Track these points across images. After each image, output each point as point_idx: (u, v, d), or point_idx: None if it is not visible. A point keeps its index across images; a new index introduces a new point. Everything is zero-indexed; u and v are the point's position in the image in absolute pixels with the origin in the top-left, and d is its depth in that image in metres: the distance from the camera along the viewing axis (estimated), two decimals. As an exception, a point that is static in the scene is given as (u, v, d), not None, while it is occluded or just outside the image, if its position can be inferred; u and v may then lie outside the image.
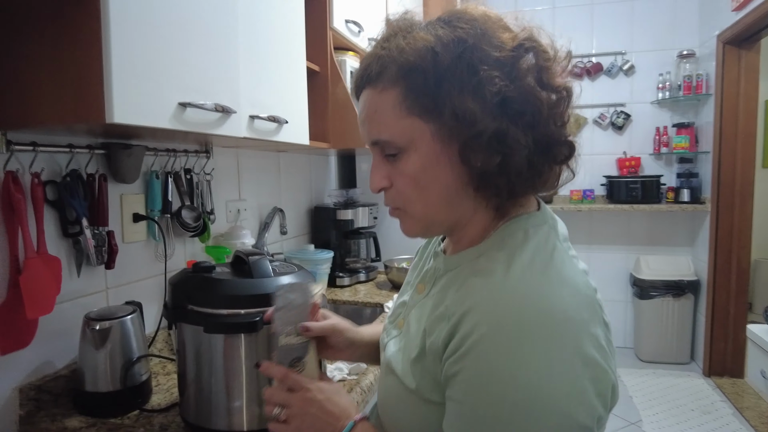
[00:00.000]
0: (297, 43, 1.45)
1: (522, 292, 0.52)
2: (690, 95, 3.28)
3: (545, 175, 0.59)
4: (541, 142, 0.56)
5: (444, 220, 0.61)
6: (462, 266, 0.61)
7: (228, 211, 1.66)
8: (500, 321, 0.50)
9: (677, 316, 3.35)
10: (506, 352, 0.49)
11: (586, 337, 0.51)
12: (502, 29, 0.58)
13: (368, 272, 2.19)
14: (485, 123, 0.53)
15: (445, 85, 0.54)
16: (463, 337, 0.52)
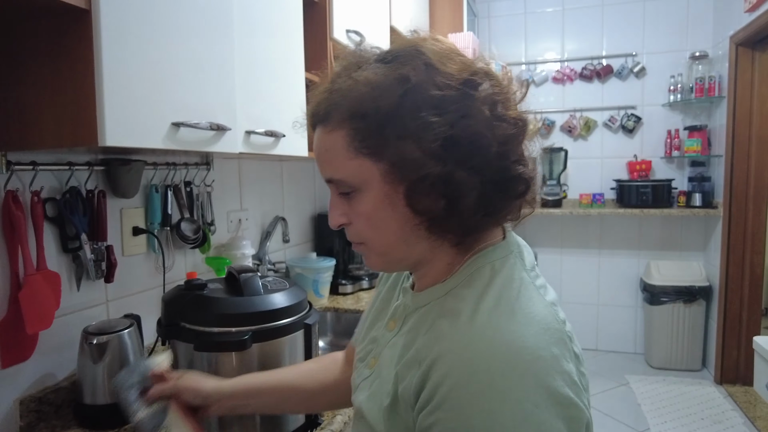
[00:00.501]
0: (295, 55, 1.46)
1: (489, 336, 0.51)
2: (702, 97, 3.22)
3: (503, 211, 0.58)
4: (492, 180, 0.55)
5: (403, 258, 0.61)
6: (430, 304, 0.60)
7: (229, 221, 1.68)
8: (469, 370, 0.49)
9: (688, 323, 3.30)
10: (478, 403, 0.48)
11: (559, 376, 0.50)
12: (451, 62, 0.55)
13: (371, 279, 2.20)
14: (428, 167, 0.53)
15: (386, 129, 0.53)
16: (434, 387, 0.51)
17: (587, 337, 3.79)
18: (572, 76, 3.63)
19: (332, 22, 1.71)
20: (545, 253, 3.80)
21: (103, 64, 0.81)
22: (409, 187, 0.54)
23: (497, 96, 0.55)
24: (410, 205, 0.55)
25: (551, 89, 3.71)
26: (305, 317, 0.98)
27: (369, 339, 0.70)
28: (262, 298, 0.93)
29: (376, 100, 0.53)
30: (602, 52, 3.59)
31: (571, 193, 3.70)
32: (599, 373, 3.38)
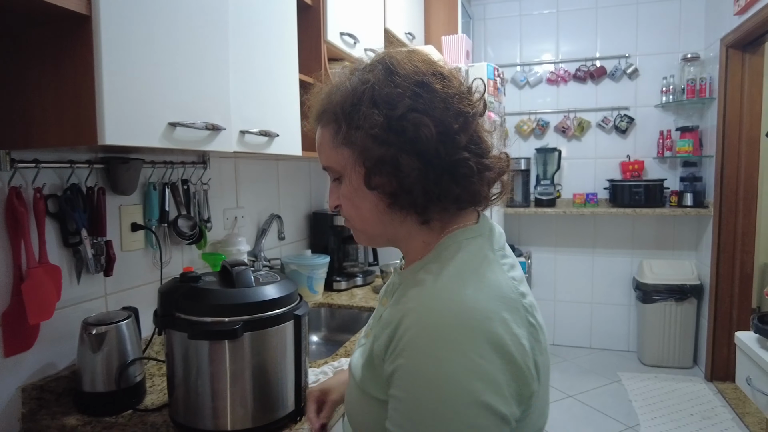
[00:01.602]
0: (290, 57, 1.51)
1: (446, 297, 0.59)
2: (694, 99, 3.27)
3: (453, 193, 0.65)
4: (436, 163, 0.63)
5: (380, 234, 0.71)
6: (408, 278, 0.68)
7: (225, 218, 1.72)
8: (425, 324, 0.58)
9: (680, 321, 3.34)
10: (430, 351, 0.56)
11: (507, 336, 0.56)
12: (408, 67, 0.64)
13: (365, 276, 2.25)
14: (376, 151, 0.63)
15: (349, 122, 0.65)
16: (398, 340, 0.59)
17: (581, 335, 3.84)
18: (566, 78, 3.68)
19: (326, 25, 1.75)
20: (539, 252, 3.85)
21: (103, 67, 0.85)
22: (366, 169, 0.65)
23: (444, 93, 0.63)
24: (367, 185, 0.65)
25: (546, 90, 3.76)
26: (295, 308, 1.02)
27: (373, 317, 0.79)
28: (253, 289, 0.98)
29: (345, 101, 0.65)
30: (596, 53, 3.64)
31: (565, 192, 3.74)
32: (592, 370, 3.43)
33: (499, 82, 2.48)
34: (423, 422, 0.55)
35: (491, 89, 2.33)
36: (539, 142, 3.78)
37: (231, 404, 0.98)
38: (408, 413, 0.57)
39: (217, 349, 0.96)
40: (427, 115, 0.62)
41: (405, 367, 0.57)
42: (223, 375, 0.97)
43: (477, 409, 0.53)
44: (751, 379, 1.56)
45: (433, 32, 2.96)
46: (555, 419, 2.80)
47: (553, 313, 3.88)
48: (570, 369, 3.47)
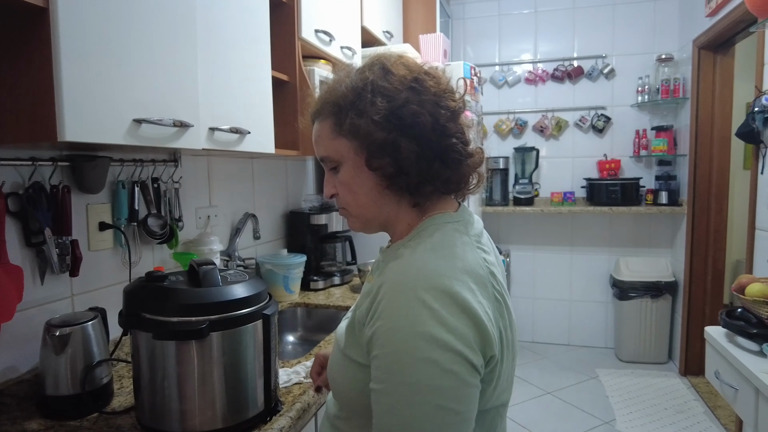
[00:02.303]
0: (262, 54, 1.49)
1: (418, 266, 0.66)
2: (668, 99, 3.33)
3: (442, 177, 0.72)
4: (430, 147, 0.71)
5: (375, 217, 0.77)
6: (389, 255, 0.74)
7: (198, 217, 1.70)
8: (399, 288, 0.65)
9: (656, 317, 3.40)
10: (403, 309, 0.63)
11: (474, 303, 0.63)
12: (402, 67, 0.73)
13: (343, 276, 2.24)
14: (377, 135, 0.70)
15: (351, 111, 0.72)
16: (376, 305, 0.66)
17: (559, 332, 3.88)
18: (544, 77, 3.72)
19: (300, 22, 1.74)
20: (518, 251, 3.88)
21: (62, 61, 0.83)
22: (368, 152, 0.71)
23: (435, 89, 0.73)
24: (369, 166, 0.72)
25: (524, 90, 3.79)
26: (264, 308, 1.01)
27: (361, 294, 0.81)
28: (220, 289, 0.97)
29: (347, 94, 0.72)
30: (573, 53, 3.68)
31: (543, 191, 3.78)
32: (570, 367, 3.47)
33: (476, 81, 2.49)
34: (401, 372, 0.61)
35: (468, 88, 2.34)
36: (518, 141, 3.82)
37: (199, 405, 0.97)
38: (387, 367, 0.62)
39: (184, 349, 0.95)
40: (422, 106, 0.70)
41: (382, 327, 0.63)
42: (191, 376, 0.95)
43: (451, 355, 0.60)
44: (719, 372, 1.59)
45: (411, 31, 2.96)
46: (534, 416, 2.83)
47: (532, 310, 3.91)
48: (549, 366, 3.51)
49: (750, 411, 1.39)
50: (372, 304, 0.67)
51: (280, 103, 1.76)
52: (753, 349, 1.48)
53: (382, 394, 0.63)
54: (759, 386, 1.32)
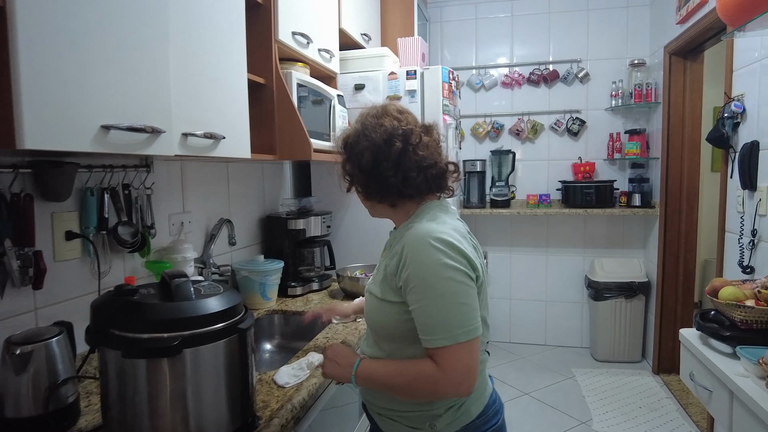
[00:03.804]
0: (237, 56, 1.45)
1: (425, 229, 1.00)
2: (641, 103, 3.40)
3: (418, 185, 1.08)
4: (405, 171, 1.07)
5: (376, 214, 1.18)
6: (401, 232, 1.07)
7: (171, 224, 1.64)
8: (416, 242, 0.99)
9: (629, 317, 3.47)
10: (422, 255, 0.97)
11: (459, 244, 0.99)
12: (391, 118, 1.10)
13: (321, 281, 2.20)
14: (357, 173, 1.11)
15: (353, 151, 1.10)
16: (404, 260, 1.00)
17: (536, 333, 3.92)
18: (520, 81, 3.75)
19: (277, 25, 1.70)
20: (495, 252, 3.91)
21: (21, 63, 0.78)
22: (356, 181, 1.13)
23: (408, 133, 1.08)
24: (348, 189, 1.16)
25: (500, 93, 3.81)
26: (239, 321, 0.97)
27: (377, 268, 1.17)
28: (193, 303, 0.93)
29: (343, 145, 1.14)
30: (549, 57, 3.73)
31: (519, 193, 3.82)
32: (547, 367, 3.51)
33: (454, 85, 2.49)
34: (432, 288, 0.96)
35: (446, 92, 2.33)
36: (494, 144, 3.84)
37: (172, 424, 0.92)
38: (420, 290, 0.97)
39: (156, 367, 0.91)
40: (404, 144, 1.07)
41: (411, 271, 0.98)
42: (162, 394, 0.91)
43: (454, 272, 0.96)
44: (693, 374, 1.62)
45: (389, 34, 2.95)
46: (512, 417, 2.84)
47: (509, 311, 3.94)
48: (525, 366, 3.54)
49: (724, 413, 1.41)
50: (399, 261, 1.01)
51: (256, 106, 1.72)
52: (726, 352, 1.50)
53: (424, 307, 0.97)
54: (733, 389, 1.34)
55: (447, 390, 0.96)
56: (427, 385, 0.97)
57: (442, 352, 0.95)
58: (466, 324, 0.95)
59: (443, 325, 0.95)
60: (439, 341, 0.95)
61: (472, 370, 0.96)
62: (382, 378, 1.05)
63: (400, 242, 1.03)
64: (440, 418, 1.05)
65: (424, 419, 1.06)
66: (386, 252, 1.13)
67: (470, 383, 0.96)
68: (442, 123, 2.30)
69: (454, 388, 0.96)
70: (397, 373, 1.02)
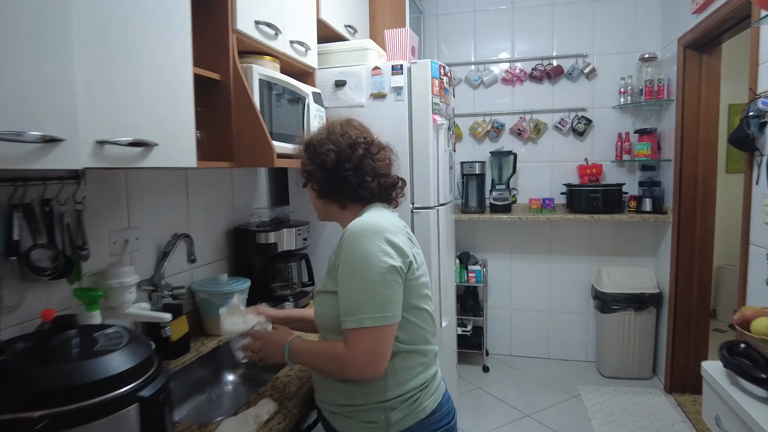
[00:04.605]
0: (179, 48, 1.23)
1: (362, 221, 1.10)
2: (652, 100, 3.15)
3: (372, 189, 1.19)
4: (362, 175, 1.18)
5: (325, 214, 1.27)
6: (344, 233, 1.11)
7: (112, 242, 1.43)
8: (351, 232, 1.08)
9: (639, 331, 3.23)
10: (356, 243, 1.06)
11: (392, 236, 1.09)
12: (355, 129, 1.23)
13: (297, 299, 1.98)
14: (316, 171, 1.20)
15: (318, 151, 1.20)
16: (340, 247, 1.09)
17: (538, 345, 3.68)
18: (522, 77, 3.51)
19: (235, 12, 1.48)
20: (495, 260, 3.67)
21: None
22: (314, 178, 1.22)
23: (365, 144, 1.21)
24: (303, 185, 1.26)
25: (501, 90, 3.58)
26: (142, 387, 0.75)
27: None
28: (74, 366, 0.71)
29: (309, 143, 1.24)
30: (552, 52, 3.48)
31: (521, 197, 3.58)
32: (550, 384, 3.27)
33: (446, 81, 2.25)
34: (352, 273, 1.05)
35: (436, 89, 2.10)
36: (494, 144, 3.60)
37: None
38: (343, 274, 1.06)
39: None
40: (363, 152, 1.19)
41: (342, 257, 1.07)
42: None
43: (378, 262, 1.04)
44: (720, 419, 1.39)
45: (378, 27, 2.72)
46: (511, 444, 2.61)
47: (510, 321, 3.71)
48: (527, 383, 3.31)
49: (759, 471, 1.18)
50: (337, 249, 1.10)
51: (211, 105, 1.50)
52: (761, 396, 1.27)
53: (343, 290, 1.06)
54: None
55: (351, 370, 1.04)
56: (335, 364, 1.07)
57: (350, 334, 1.04)
58: (376, 310, 1.02)
59: (354, 309, 1.03)
60: (349, 323, 1.04)
61: (379, 356, 1.03)
62: (307, 354, 1.15)
63: (341, 237, 1.11)
64: (394, 411, 1.10)
65: (378, 412, 1.10)
66: (335, 254, 1.17)
67: (376, 367, 1.04)
68: (432, 123, 2.07)
69: (358, 369, 1.04)
70: (318, 351, 1.14)
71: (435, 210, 2.16)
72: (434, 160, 2.12)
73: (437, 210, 2.18)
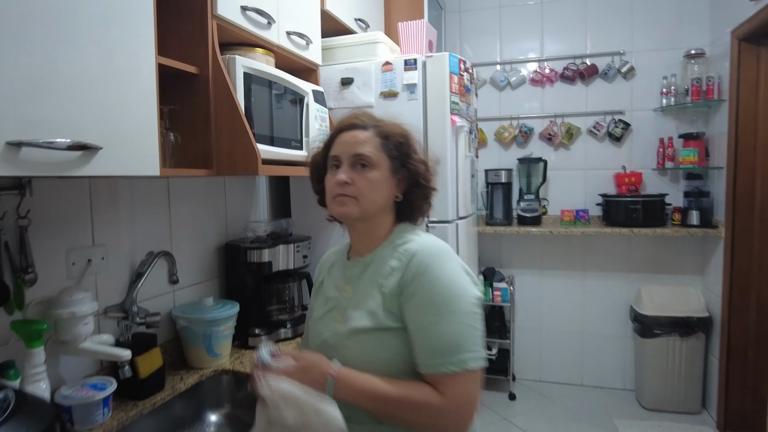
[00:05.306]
0: (133, 30, 1.02)
1: (432, 241, 0.98)
2: (699, 101, 2.82)
3: (422, 213, 1.07)
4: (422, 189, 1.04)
5: (372, 213, 0.99)
6: (382, 253, 1.00)
7: (70, 264, 1.22)
8: (429, 253, 0.94)
9: (686, 358, 2.87)
10: (438, 268, 0.92)
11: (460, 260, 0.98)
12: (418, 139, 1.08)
13: (295, 326, 1.75)
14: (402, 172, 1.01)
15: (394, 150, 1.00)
16: (411, 272, 0.92)
17: (570, 369, 3.36)
18: (552, 78, 3.23)
19: (217, -6, 1.27)
20: (523, 276, 3.37)
21: None
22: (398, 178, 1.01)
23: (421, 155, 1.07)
24: (393, 185, 1.01)
25: (529, 92, 3.30)
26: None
27: (320, 322, 1.04)
28: None
29: (399, 134, 1.02)
30: (586, 50, 3.19)
31: (552, 209, 3.27)
32: (582, 415, 2.95)
33: (467, 78, 2.00)
34: (445, 303, 0.89)
35: (456, 86, 1.85)
36: (522, 151, 3.32)
37: None
38: (430, 306, 0.89)
39: None
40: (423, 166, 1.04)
41: (425, 282, 0.90)
42: None
43: (470, 292, 0.91)
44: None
45: (393, 21, 2.48)
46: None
47: (539, 344, 3.40)
48: (558, 414, 2.99)
49: None
50: (403, 275, 0.93)
51: (187, 103, 1.29)
52: None
53: (432, 325, 0.88)
54: None
55: (449, 423, 0.86)
56: (426, 416, 0.86)
57: (448, 380, 0.86)
58: (477, 349, 0.89)
59: (453, 348, 0.87)
60: (447, 366, 0.86)
61: (476, 405, 0.89)
62: (373, 397, 0.88)
63: (395, 258, 0.96)
64: None
65: None
66: (350, 285, 1.02)
67: (471, 419, 0.89)
68: (450, 125, 1.82)
69: (459, 423, 0.87)
70: (395, 397, 0.87)
71: (454, 224, 1.90)
72: (453, 167, 1.87)
73: (456, 224, 1.92)
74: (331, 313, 1.02)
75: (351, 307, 0.97)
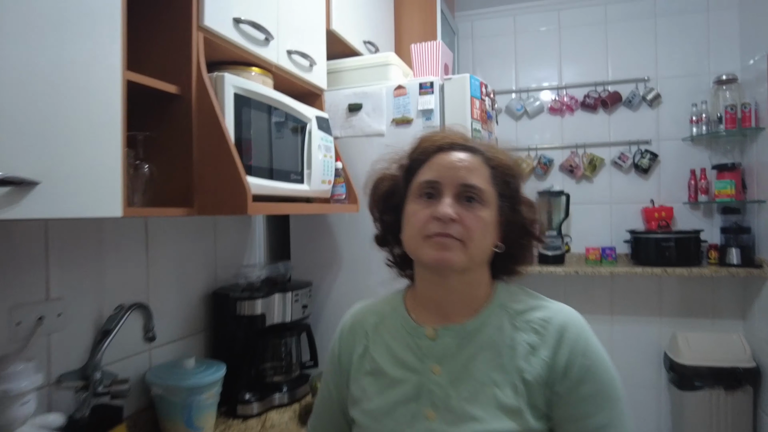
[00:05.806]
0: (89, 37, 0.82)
1: (568, 308, 0.81)
2: (734, 129, 2.61)
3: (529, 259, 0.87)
4: (530, 237, 0.85)
5: (478, 263, 0.79)
6: (491, 318, 0.78)
7: (14, 324, 0.99)
8: (583, 328, 0.77)
9: (732, 415, 2.57)
10: (598, 347, 0.77)
11: None
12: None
13: (293, 389, 1.50)
14: (511, 221, 0.81)
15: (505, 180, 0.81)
16: (569, 350, 0.73)
17: (600, 424, 3.04)
18: (572, 106, 3.04)
19: (203, 4, 1.08)
20: (545, 319, 3.10)
21: None
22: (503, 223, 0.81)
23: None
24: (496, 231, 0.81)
25: (548, 122, 3.10)
26: None
27: (390, 420, 0.75)
28: None
29: (510, 168, 0.82)
30: (607, 77, 3.01)
31: (576, 246, 3.02)
32: (619, 479, 2.62)
33: (488, 103, 1.80)
34: (616, 397, 0.73)
35: (478, 113, 1.65)
36: (541, 184, 3.10)
37: None
38: (603, 400, 0.72)
39: None
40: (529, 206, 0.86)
41: (592, 365, 0.73)
42: None
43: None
44: None
45: (405, 45, 2.31)
46: None
47: (564, 395, 3.09)
48: (590, 476, 2.66)
49: None
50: (554, 357, 0.73)
51: (166, 129, 1.08)
52: None
53: (611, 427, 0.71)
54: None
55: None
56: None
57: None
58: None
59: None
60: None
61: None
62: None
63: (530, 330, 0.76)
64: None
65: None
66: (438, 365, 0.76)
67: None
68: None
69: None
70: None
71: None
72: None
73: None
74: (410, 406, 0.75)
75: (459, 398, 0.73)
